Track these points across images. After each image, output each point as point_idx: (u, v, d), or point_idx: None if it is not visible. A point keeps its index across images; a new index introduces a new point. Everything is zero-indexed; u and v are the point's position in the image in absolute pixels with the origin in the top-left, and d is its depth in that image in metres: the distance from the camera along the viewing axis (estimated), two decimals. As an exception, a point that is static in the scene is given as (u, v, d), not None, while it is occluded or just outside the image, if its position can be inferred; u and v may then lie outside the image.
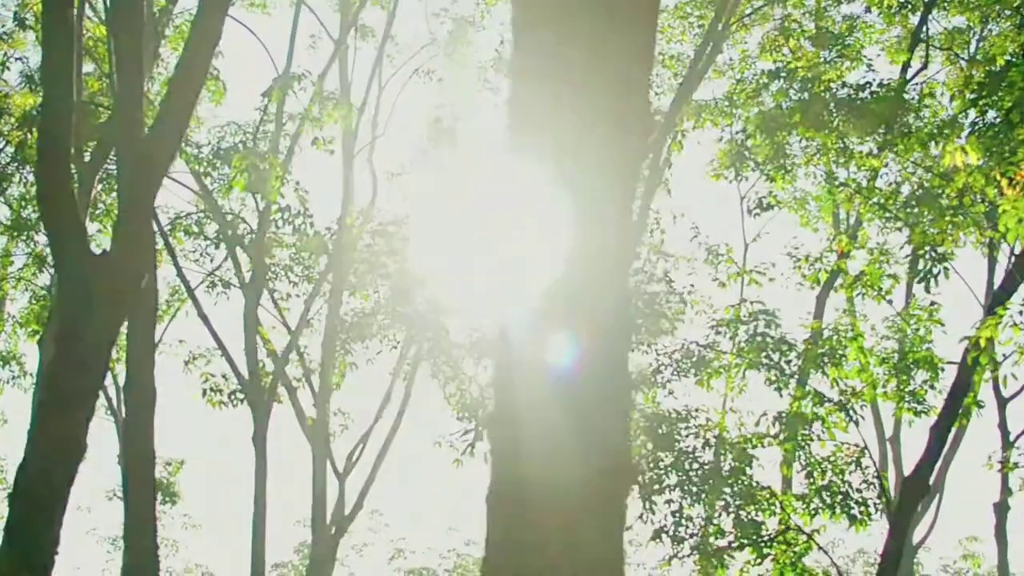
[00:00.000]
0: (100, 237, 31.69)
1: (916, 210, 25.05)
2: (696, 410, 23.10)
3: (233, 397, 31.59)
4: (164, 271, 34.06)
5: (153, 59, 29.06)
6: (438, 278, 32.23)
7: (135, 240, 14.53)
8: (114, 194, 30.41)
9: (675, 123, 28.77)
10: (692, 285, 26.86)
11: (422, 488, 60.99)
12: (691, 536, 22.69)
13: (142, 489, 20.14)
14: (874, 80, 25.25)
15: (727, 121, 29.17)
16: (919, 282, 22.58)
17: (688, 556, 22.80)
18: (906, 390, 23.41)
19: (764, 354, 22.88)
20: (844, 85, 25.10)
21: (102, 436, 34.94)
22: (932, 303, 24.49)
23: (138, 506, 20.29)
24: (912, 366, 23.58)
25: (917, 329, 23.97)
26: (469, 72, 35.55)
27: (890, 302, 26.53)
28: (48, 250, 33.30)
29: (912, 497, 20.64)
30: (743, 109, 28.62)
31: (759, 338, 23.00)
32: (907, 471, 21.97)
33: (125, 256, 14.34)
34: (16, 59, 30.03)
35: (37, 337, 33.55)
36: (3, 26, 29.76)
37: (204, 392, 31.56)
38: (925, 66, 28.20)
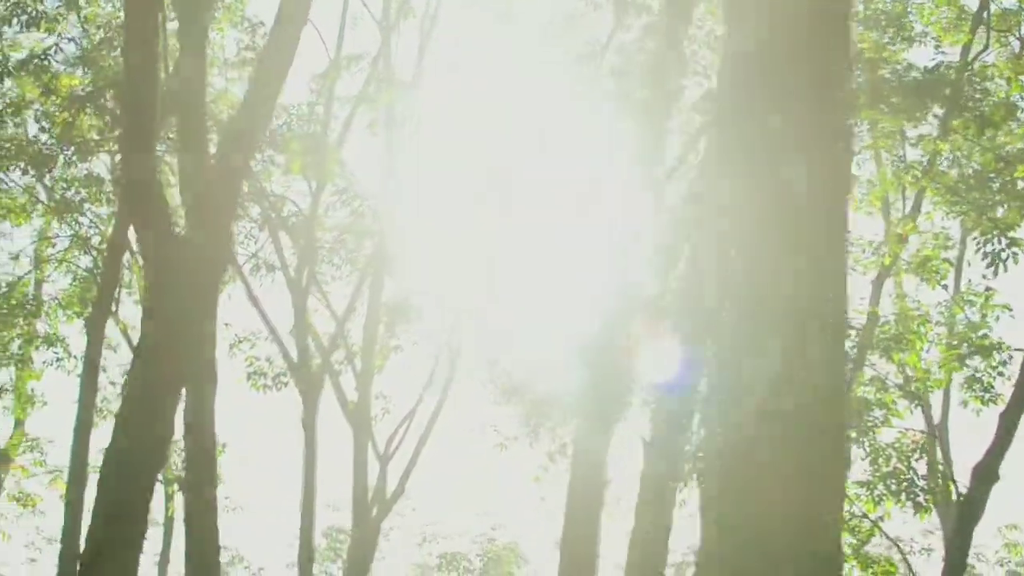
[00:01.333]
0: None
1: (976, 194, 24.75)
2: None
3: (278, 381, 31.44)
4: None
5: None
6: (480, 263, 32.09)
7: (219, 224, 14.37)
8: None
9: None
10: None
11: (461, 472, 60.57)
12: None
13: (204, 473, 20.04)
14: (938, 61, 24.94)
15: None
16: (988, 266, 22.30)
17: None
18: (970, 376, 23.19)
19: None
20: (910, 67, 24.77)
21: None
22: (987, 288, 24.25)
23: (199, 489, 20.20)
24: (974, 352, 23.35)
25: (984, 314, 23.71)
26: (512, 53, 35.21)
27: (945, 287, 26.32)
28: (90, 231, 33.22)
29: (983, 485, 20.42)
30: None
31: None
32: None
33: (211, 239, 14.18)
34: (68, 40, 29.72)
35: (79, 319, 33.52)
36: (55, 6, 29.45)
37: (249, 376, 31.40)
38: (987, 47, 27.85)
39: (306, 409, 29.62)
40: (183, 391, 15.08)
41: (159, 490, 36.02)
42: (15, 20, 27.67)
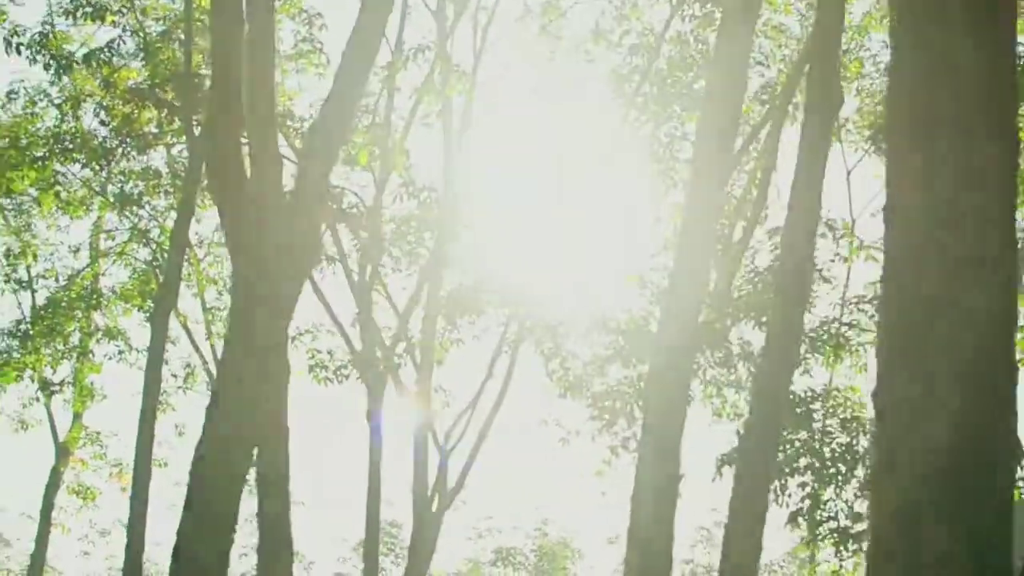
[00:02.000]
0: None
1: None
2: (837, 389, 22.65)
3: (339, 373, 31.36)
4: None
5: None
6: (542, 256, 31.88)
7: (311, 211, 14.26)
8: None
9: (792, 96, 28.25)
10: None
11: (518, 466, 60.45)
12: (828, 519, 22.29)
13: (278, 460, 19.87)
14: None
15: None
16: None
17: (824, 540, 22.41)
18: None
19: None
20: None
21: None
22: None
23: (273, 480, 20.03)
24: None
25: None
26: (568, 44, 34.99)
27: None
28: (150, 224, 33.22)
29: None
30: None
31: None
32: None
33: (303, 230, 14.06)
34: (130, 32, 29.62)
35: (140, 312, 33.53)
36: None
37: (310, 368, 31.29)
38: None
39: (371, 403, 29.44)
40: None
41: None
42: (80, 12, 27.65)
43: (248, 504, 17.33)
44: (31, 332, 33.13)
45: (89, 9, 27.95)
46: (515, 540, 51.45)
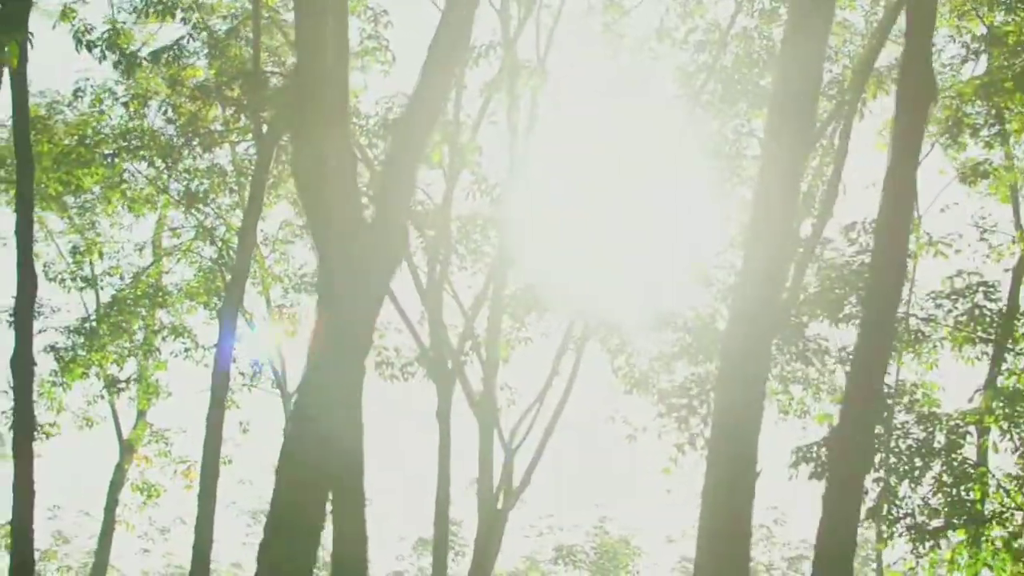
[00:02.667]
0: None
1: None
2: (915, 385, 22.50)
3: (405, 371, 31.33)
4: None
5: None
6: (607, 253, 31.77)
7: (400, 207, 14.23)
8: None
9: (861, 91, 28.08)
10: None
11: (583, 463, 60.41)
12: (904, 516, 22.12)
13: (354, 461, 19.82)
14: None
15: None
16: None
17: (901, 536, 22.25)
18: None
19: (982, 328, 22.25)
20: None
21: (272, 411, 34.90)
22: None
23: (350, 479, 19.96)
24: None
25: None
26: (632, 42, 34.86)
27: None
28: (216, 222, 33.26)
29: None
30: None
31: (978, 310, 22.35)
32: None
33: (391, 227, 14.01)
34: (200, 29, 29.64)
35: (205, 309, 33.60)
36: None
37: (377, 365, 31.24)
38: None
39: (441, 400, 29.39)
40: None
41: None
42: (151, 10, 27.70)
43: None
44: (97, 330, 33.16)
45: (160, 7, 27.99)
46: (575, 538, 51.32)
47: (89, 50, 28.01)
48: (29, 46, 20.69)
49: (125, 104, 31.26)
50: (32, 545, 22.13)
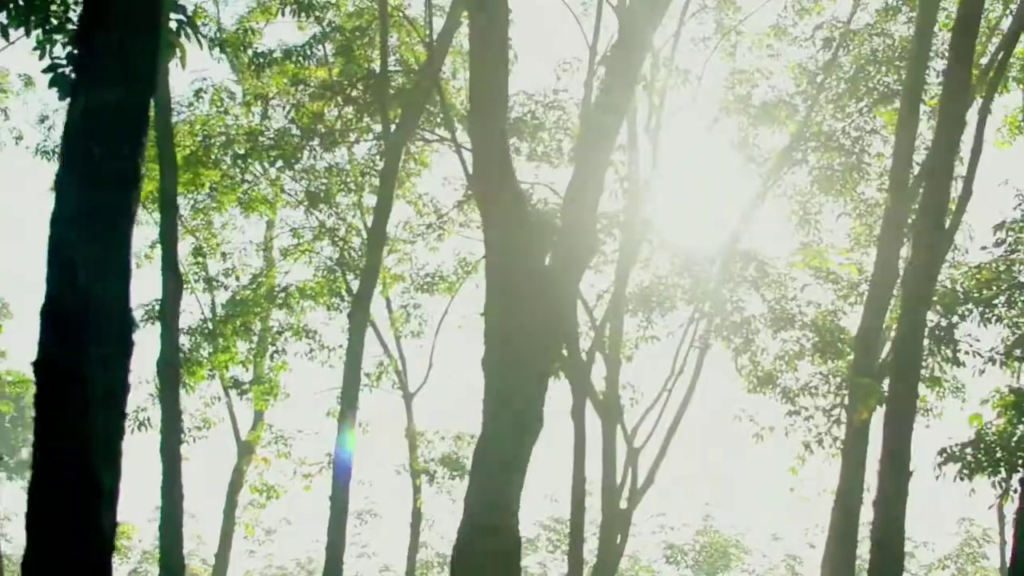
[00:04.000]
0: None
1: None
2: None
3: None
4: (448, 243, 34.05)
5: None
6: (729, 251, 31.57)
7: (592, 205, 14.17)
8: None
9: (996, 86, 27.84)
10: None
11: (695, 462, 60.23)
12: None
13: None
14: None
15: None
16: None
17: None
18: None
19: None
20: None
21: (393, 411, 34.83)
22: None
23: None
24: None
25: None
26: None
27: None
28: (337, 223, 33.20)
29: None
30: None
31: None
32: None
33: (583, 221, 13.96)
34: (333, 29, 29.65)
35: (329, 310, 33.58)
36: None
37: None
38: None
39: (575, 399, 29.21)
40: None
41: (407, 481, 36.03)
42: (287, 9, 27.71)
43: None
44: (219, 331, 33.14)
45: (295, 5, 27.95)
46: (684, 536, 51.25)
47: (222, 50, 28.09)
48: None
49: (247, 104, 31.28)
50: (181, 546, 22.20)
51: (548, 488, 47.09)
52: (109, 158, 7.34)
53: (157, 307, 33.49)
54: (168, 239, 22.36)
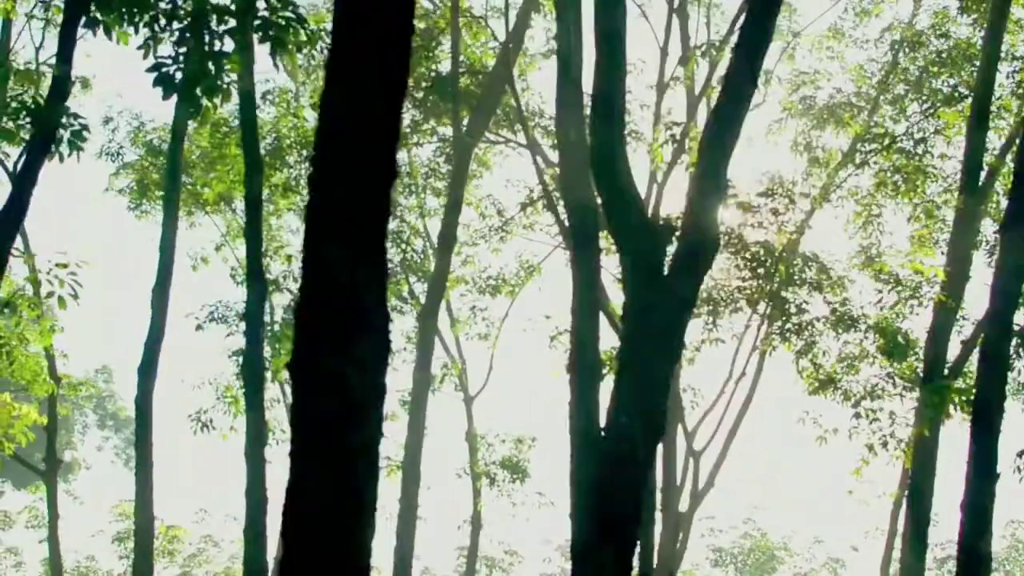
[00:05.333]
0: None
1: None
2: None
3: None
4: (510, 245, 34.03)
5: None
6: (790, 252, 31.43)
7: (712, 209, 14.06)
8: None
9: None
10: None
11: (754, 465, 60.16)
12: None
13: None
14: None
15: None
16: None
17: None
18: None
19: None
20: None
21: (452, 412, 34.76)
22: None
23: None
24: None
25: None
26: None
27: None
28: (401, 225, 33.17)
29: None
30: None
31: None
32: None
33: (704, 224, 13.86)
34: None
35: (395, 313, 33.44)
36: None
37: (567, 368, 30.89)
38: None
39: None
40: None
41: (466, 484, 35.96)
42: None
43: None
44: (283, 334, 33.13)
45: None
46: (730, 539, 51.21)
47: (299, 51, 27.98)
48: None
49: (313, 106, 31.28)
50: (265, 550, 22.14)
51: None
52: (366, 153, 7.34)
53: (221, 309, 33.90)
54: (253, 241, 22.23)
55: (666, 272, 14.52)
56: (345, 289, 7.10)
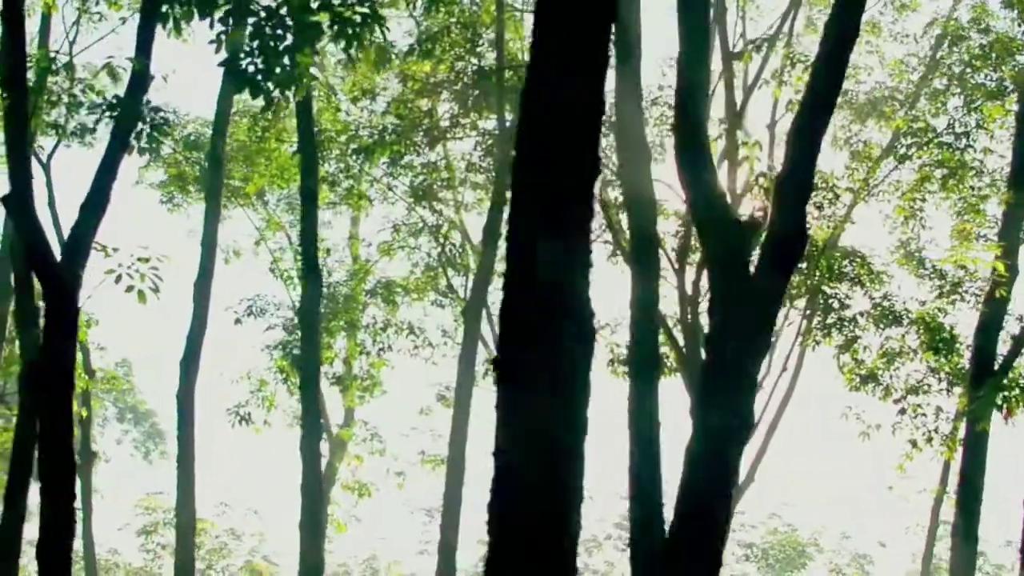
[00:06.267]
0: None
1: None
2: None
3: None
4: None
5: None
6: (831, 247, 31.29)
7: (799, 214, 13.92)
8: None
9: None
10: None
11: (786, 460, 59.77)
12: None
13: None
14: None
15: None
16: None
17: None
18: None
19: None
20: None
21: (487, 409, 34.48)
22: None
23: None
24: None
25: None
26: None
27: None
28: (440, 220, 33.00)
29: None
30: None
31: None
32: None
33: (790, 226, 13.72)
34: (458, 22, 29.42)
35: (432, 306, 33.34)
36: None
37: (609, 363, 30.83)
38: None
39: (693, 397, 28.99)
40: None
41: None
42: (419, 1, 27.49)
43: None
44: (324, 326, 32.94)
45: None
46: (759, 535, 51.03)
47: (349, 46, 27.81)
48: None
49: (353, 100, 31.15)
50: (323, 544, 22.10)
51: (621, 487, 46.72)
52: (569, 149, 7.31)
53: (259, 303, 33.71)
54: (308, 236, 22.14)
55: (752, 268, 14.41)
56: (549, 285, 7.06)
